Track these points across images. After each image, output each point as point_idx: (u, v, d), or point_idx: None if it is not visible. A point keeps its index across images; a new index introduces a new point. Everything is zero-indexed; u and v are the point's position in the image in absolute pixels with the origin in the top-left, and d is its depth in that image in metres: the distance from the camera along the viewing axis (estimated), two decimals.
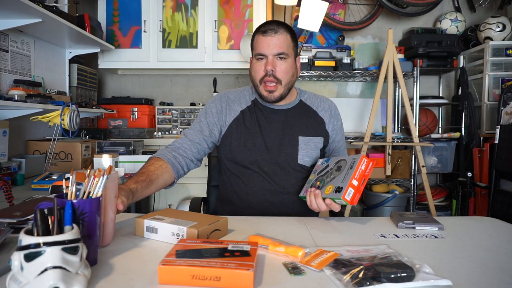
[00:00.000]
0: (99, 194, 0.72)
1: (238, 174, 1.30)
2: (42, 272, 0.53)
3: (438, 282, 0.63)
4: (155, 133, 2.90)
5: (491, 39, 2.85)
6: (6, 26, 1.79)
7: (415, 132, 2.66)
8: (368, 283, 0.61)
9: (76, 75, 2.56)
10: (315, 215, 1.19)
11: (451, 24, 3.03)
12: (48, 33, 2.16)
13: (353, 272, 0.65)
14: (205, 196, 1.57)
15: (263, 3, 2.81)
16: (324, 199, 1.05)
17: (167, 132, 2.94)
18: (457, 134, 2.89)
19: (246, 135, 1.30)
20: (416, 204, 2.83)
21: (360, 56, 3.19)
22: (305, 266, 0.70)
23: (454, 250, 0.83)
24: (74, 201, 0.67)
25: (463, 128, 2.86)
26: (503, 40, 2.85)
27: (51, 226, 0.58)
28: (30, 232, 0.57)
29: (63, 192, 0.72)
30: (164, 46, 2.83)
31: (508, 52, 2.81)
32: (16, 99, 1.77)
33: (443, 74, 3.20)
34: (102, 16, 2.81)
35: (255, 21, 2.80)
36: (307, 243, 0.84)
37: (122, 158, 1.81)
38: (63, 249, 0.55)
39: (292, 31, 1.28)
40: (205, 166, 1.76)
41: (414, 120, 2.75)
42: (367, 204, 2.92)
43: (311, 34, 3.13)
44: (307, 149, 1.30)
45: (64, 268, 0.54)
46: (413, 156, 2.78)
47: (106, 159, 1.59)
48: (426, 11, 3.07)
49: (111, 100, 2.98)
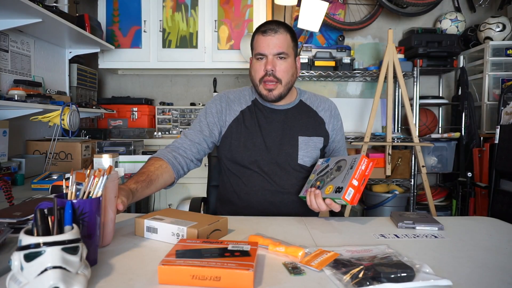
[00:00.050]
0: (99, 194, 0.72)
1: (238, 174, 1.30)
2: (42, 272, 0.53)
3: (438, 282, 0.63)
4: (155, 133, 2.90)
5: (491, 39, 2.85)
6: (6, 26, 1.79)
7: (415, 132, 2.66)
8: (368, 283, 0.61)
9: (76, 75, 2.56)
10: (315, 215, 1.19)
11: (451, 24, 3.02)
12: (48, 33, 2.16)
13: (353, 272, 0.65)
14: (205, 196, 1.57)
15: (263, 3, 2.81)
16: (324, 199, 1.05)
17: (167, 132, 2.94)
18: (457, 134, 2.89)
19: (246, 135, 1.30)
20: (416, 204, 2.83)
21: (360, 56, 3.19)
22: (305, 266, 0.70)
23: (454, 250, 0.83)
24: (74, 201, 0.67)
25: (463, 128, 2.86)
26: (503, 40, 2.85)
27: (51, 226, 0.58)
28: (30, 232, 0.57)
29: (63, 192, 0.72)
30: (164, 46, 2.83)
31: (508, 52, 2.81)
32: (16, 99, 1.77)
33: (443, 74, 3.20)
34: (102, 16, 2.81)
35: (255, 21, 2.80)
36: (307, 243, 0.84)
37: (122, 158, 1.82)
38: (63, 249, 0.55)
39: (292, 31, 1.28)
40: (205, 166, 1.76)
41: (414, 120, 2.75)
42: (367, 204, 2.92)
43: (311, 34, 3.13)
44: (307, 149, 1.30)
45: (64, 268, 0.54)
46: (413, 156, 2.78)
47: (106, 159, 1.59)
48: (426, 11, 3.07)
49: (111, 100, 2.98)
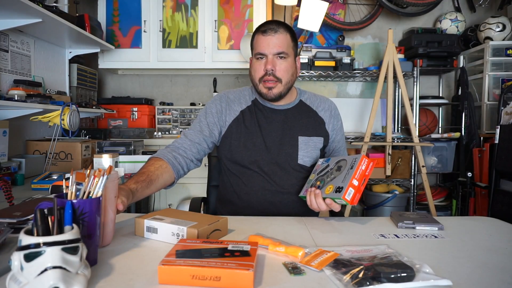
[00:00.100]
0: (99, 194, 0.72)
1: (238, 174, 1.30)
2: (42, 272, 0.53)
3: (438, 282, 0.63)
4: (155, 133, 2.90)
5: (491, 39, 2.85)
6: (6, 26, 1.79)
7: (415, 132, 2.66)
8: (368, 283, 0.61)
9: (76, 75, 2.56)
10: (315, 215, 1.19)
11: (451, 24, 3.02)
12: (48, 33, 2.16)
13: (353, 272, 0.65)
14: (205, 196, 1.57)
15: (263, 3, 2.81)
16: (324, 199, 1.05)
17: (167, 132, 2.94)
18: (457, 134, 2.89)
19: (246, 135, 1.30)
20: (416, 204, 2.83)
21: (360, 56, 3.19)
22: (305, 266, 0.70)
23: (454, 250, 0.83)
24: (74, 201, 0.67)
25: (463, 128, 2.86)
26: (503, 40, 2.85)
27: (51, 226, 0.58)
28: (30, 232, 0.57)
29: (63, 192, 0.72)
30: (164, 46, 2.83)
31: (508, 52, 2.81)
32: (16, 99, 1.77)
33: (443, 74, 3.20)
34: (102, 16, 2.81)
35: (255, 21, 2.80)
36: (307, 243, 0.84)
37: (122, 158, 1.81)
38: (63, 249, 0.55)
39: (292, 31, 1.28)
40: (205, 166, 1.76)
41: (414, 120, 2.75)
42: (367, 204, 2.92)
43: (311, 34, 3.13)
44: (307, 149, 1.30)
45: (64, 268, 0.54)
46: (413, 156, 2.78)
47: (106, 159, 1.59)
48: (426, 11, 3.07)
49: (111, 100, 2.98)
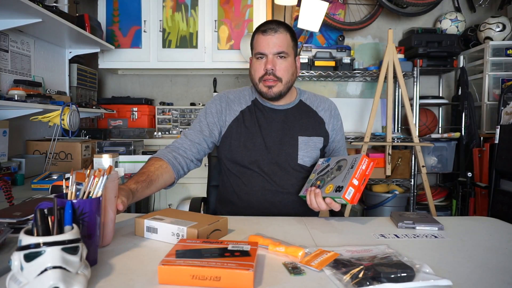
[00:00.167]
0: (99, 194, 0.72)
1: (238, 174, 1.30)
2: (42, 272, 0.53)
3: (438, 282, 0.63)
4: (155, 133, 2.90)
5: (491, 39, 2.85)
6: (6, 26, 1.79)
7: (415, 132, 2.66)
8: (368, 283, 0.61)
9: (76, 75, 2.56)
10: (315, 215, 1.19)
11: (451, 24, 3.02)
12: (48, 33, 2.16)
13: (353, 272, 0.65)
14: (205, 196, 1.57)
15: (263, 3, 2.81)
16: (324, 198, 1.05)
17: (167, 132, 2.94)
18: (457, 134, 2.89)
19: (246, 135, 1.29)
20: (416, 204, 2.83)
21: (360, 56, 3.19)
22: (305, 266, 0.70)
23: (454, 250, 0.83)
24: (74, 201, 0.67)
25: (463, 128, 2.86)
26: (503, 40, 2.85)
27: (51, 226, 0.58)
28: (30, 232, 0.57)
29: (63, 192, 0.72)
30: (164, 46, 2.83)
31: (508, 52, 2.81)
32: (16, 99, 1.77)
33: (443, 74, 3.20)
34: (102, 16, 2.81)
35: (255, 21, 2.80)
36: (307, 243, 0.84)
37: (122, 158, 1.81)
38: (63, 249, 0.55)
39: (292, 31, 1.28)
40: (205, 166, 1.76)
41: (414, 120, 2.75)
42: (367, 204, 2.92)
43: (311, 34, 3.13)
44: (307, 149, 1.30)
45: (64, 268, 0.54)
46: (413, 156, 2.78)
47: (106, 159, 1.59)
48: (426, 11, 3.07)
49: (111, 100, 2.98)
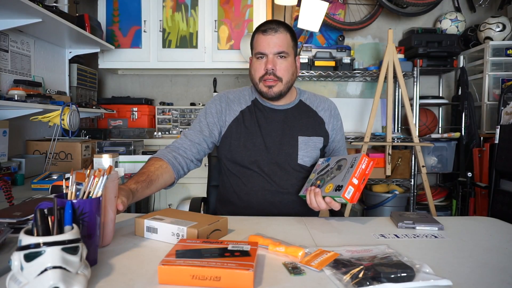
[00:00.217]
0: (99, 194, 0.72)
1: (238, 175, 1.30)
2: (42, 272, 0.53)
3: (438, 282, 0.63)
4: (155, 133, 2.90)
5: (491, 39, 2.85)
6: (6, 26, 1.79)
7: (415, 132, 2.66)
8: (368, 283, 0.61)
9: (76, 75, 2.56)
10: (315, 215, 1.19)
11: (451, 24, 3.02)
12: (48, 33, 2.16)
13: (353, 272, 0.65)
14: (205, 196, 1.57)
15: (263, 3, 2.81)
16: (324, 197, 1.05)
17: (167, 132, 2.94)
18: (457, 134, 2.89)
19: (245, 135, 1.29)
20: (416, 204, 2.83)
21: (360, 56, 3.19)
22: (305, 266, 0.70)
23: (454, 250, 0.83)
24: (74, 201, 0.67)
25: (463, 128, 2.86)
26: (503, 40, 2.85)
27: (51, 226, 0.58)
28: (30, 232, 0.57)
29: (63, 192, 0.72)
30: (164, 46, 2.83)
31: (508, 52, 2.81)
32: (16, 99, 1.77)
33: (443, 74, 3.20)
34: (102, 16, 2.81)
35: (255, 21, 2.80)
36: (307, 243, 0.84)
37: (122, 158, 1.81)
38: (63, 249, 0.55)
39: (292, 31, 1.28)
40: (205, 166, 1.76)
41: (414, 120, 2.75)
42: (367, 204, 2.92)
43: (311, 34, 3.13)
44: (307, 149, 1.30)
45: (64, 268, 0.54)
46: (413, 156, 2.78)
47: (106, 159, 1.59)
48: (426, 11, 3.07)
49: (111, 100, 2.98)
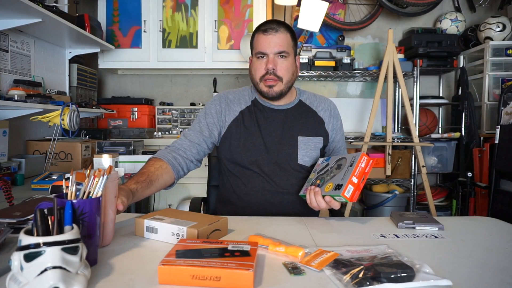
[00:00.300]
0: (99, 194, 0.72)
1: (238, 175, 1.30)
2: (42, 272, 0.53)
3: (438, 282, 0.63)
4: (155, 133, 2.90)
5: (491, 39, 2.85)
6: (6, 26, 1.79)
7: (415, 132, 2.66)
8: (368, 283, 0.61)
9: (76, 75, 2.56)
10: (315, 215, 1.19)
11: (451, 24, 3.02)
12: (48, 33, 2.16)
13: (353, 272, 0.65)
14: (205, 196, 1.57)
15: (263, 3, 2.80)
16: (323, 196, 1.05)
17: (167, 132, 2.94)
18: (457, 134, 2.88)
19: (245, 136, 1.29)
20: (416, 204, 2.83)
21: (360, 56, 3.19)
22: (305, 266, 0.70)
23: (454, 250, 0.83)
24: (74, 201, 0.67)
25: (463, 128, 2.86)
26: (503, 40, 2.85)
27: (51, 226, 0.58)
28: (30, 232, 0.57)
29: (63, 192, 0.72)
30: (164, 46, 2.83)
31: (508, 52, 2.81)
32: (16, 99, 1.77)
33: (443, 74, 3.20)
34: (102, 16, 2.81)
35: (255, 21, 2.80)
36: (307, 243, 0.84)
37: (122, 158, 1.81)
38: (63, 249, 0.55)
39: (292, 31, 1.28)
40: (205, 166, 1.76)
41: (414, 120, 2.75)
42: (367, 204, 2.92)
43: (311, 34, 3.13)
44: (307, 149, 1.30)
45: (64, 268, 0.54)
46: (413, 156, 2.78)
47: (106, 159, 1.59)
48: (426, 11, 3.07)
49: (111, 100, 2.98)
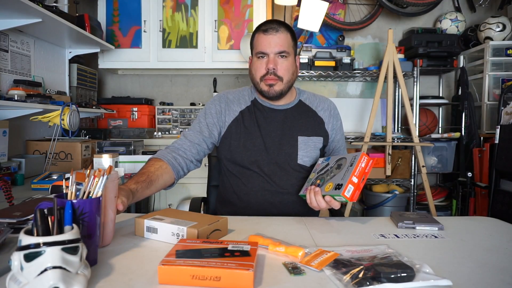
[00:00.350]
0: (99, 194, 0.72)
1: (237, 175, 1.30)
2: (42, 272, 0.53)
3: (438, 282, 0.63)
4: (155, 133, 2.90)
5: (491, 39, 2.85)
6: (6, 26, 1.79)
7: (415, 132, 2.66)
8: (368, 283, 0.61)
9: (76, 75, 2.56)
10: (316, 215, 1.19)
11: (451, 24, 3.02)
12: (48, 33, 2.16)
13: (353, 272, 0.65)
14: (205, 196, 1.57)
15: (263, 3, 2.80)
16: (323, 196, 1.05)
17: (167, 132, 2.94)
18: (457, 134, 2.88)
19: (245, 136, 1.29)
20: (416, 204, 2.83)
21: (360, 56, 3.18)
22: (305, 266, 0.70)
23: (454, 250, 0.83)
24: (74, 201, 0.67)
25: (463, 128, 2.86)
26: (503, 40, 2.85)
27: (51, 226, 0.58)
28: (30, 232, 0.57)
29: (63, 192, 0.72)
30: (164, 46, 2.83)
31: (508, 52, 2.80)
32: (16, 99, 1.77)
33: (443, 74, 3.20)
34: (102, 16, 2.81)
35: (255, 21, 2.80)
36: (307, 243, 0.84)
37: (122, 158, 1.81)
38: (63, 249, 0.55)
39: (292, 31, 1.28)
40: (205, 166, 1.76)
41: (414, 120, 2.75)
42: (367, 204, 2.92)
43: (311, 34, 3.13)
44: (307, 149, 1.30)
45: (64, 268, 0.54)
46: (413, 156, 2.78)
47: (106, 159, 1.59)
48: (426, 11, 3.07)
49: (111, 100, 2.98)
